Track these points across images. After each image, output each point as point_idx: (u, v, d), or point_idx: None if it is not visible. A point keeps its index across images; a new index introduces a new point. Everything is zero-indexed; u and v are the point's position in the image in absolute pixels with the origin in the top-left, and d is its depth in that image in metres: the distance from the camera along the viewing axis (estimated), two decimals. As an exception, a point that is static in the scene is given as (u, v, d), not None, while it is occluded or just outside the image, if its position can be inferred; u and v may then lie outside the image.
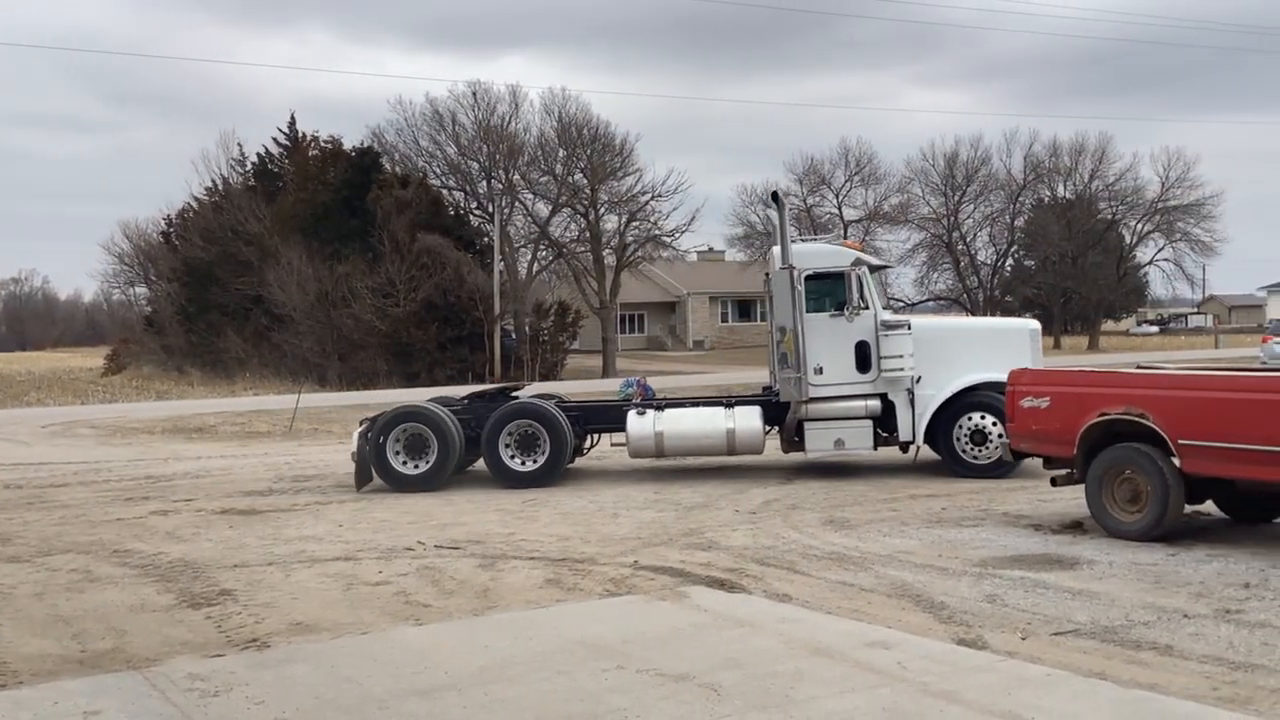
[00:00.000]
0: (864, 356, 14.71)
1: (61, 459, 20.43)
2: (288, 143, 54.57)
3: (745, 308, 75.81)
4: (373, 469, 14.96)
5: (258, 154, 55.90)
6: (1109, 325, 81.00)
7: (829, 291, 14.86)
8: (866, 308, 14.73)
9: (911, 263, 64.08)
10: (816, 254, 15.36)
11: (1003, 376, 13.99)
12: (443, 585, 9.31)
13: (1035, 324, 15.88)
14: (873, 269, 15.45)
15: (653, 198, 51.17)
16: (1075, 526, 10.82)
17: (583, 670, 6.64)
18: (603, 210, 51.55)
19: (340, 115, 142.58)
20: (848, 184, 60.50)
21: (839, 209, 60.29)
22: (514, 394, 16.43)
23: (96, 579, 9.88)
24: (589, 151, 50.72)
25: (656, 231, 52.62)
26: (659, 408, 15.40)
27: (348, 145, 51.24)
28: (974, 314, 62.58)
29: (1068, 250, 64.93)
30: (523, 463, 15.03)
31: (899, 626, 7.54)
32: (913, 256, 63.61)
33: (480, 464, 15.73)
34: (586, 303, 51.49)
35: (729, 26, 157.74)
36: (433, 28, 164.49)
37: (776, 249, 15.44)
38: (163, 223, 64.48)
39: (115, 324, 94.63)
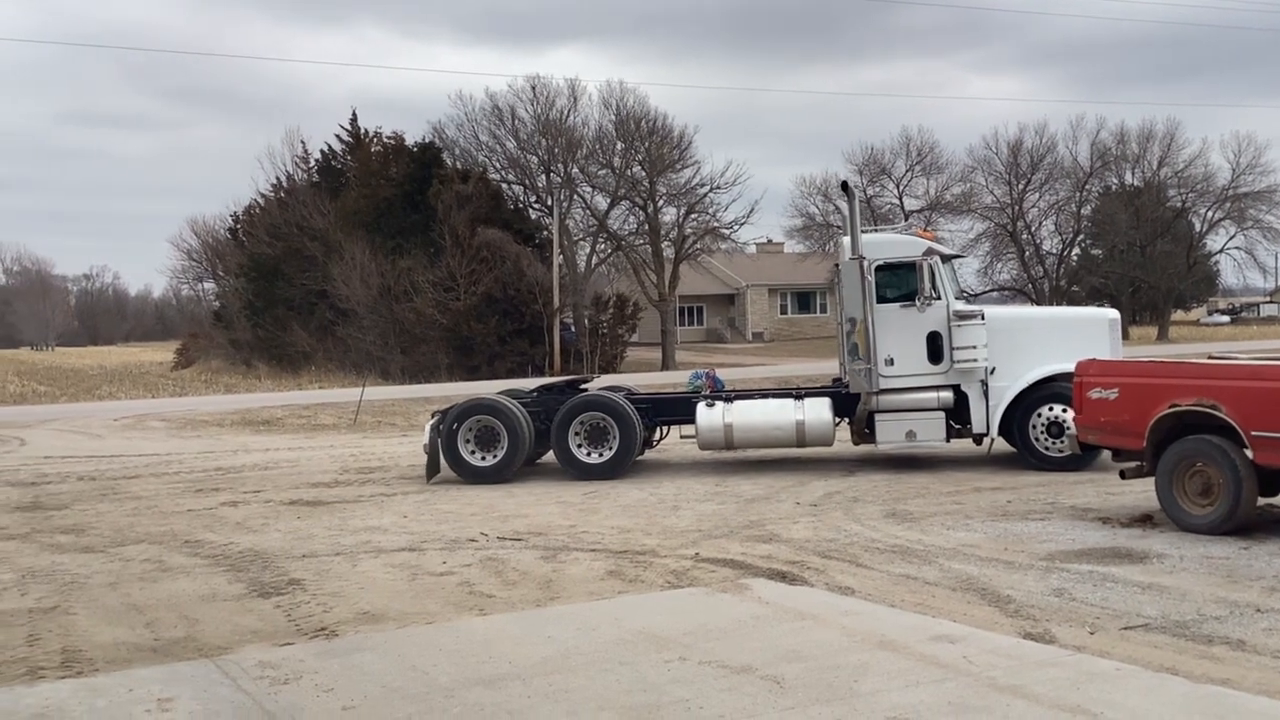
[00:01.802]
0: (936, 347, 14.56)
1: (134, 451, 20.87)
2: (350, 139, 55.16)
3: (804, 299, 75.47)
4: (444, 460, 15.08)
5: (321, 151, 56.63)
6: (1179, 315, 79.43)
7: (900, 282, 14.70)
8: (938, 298, 14.58)
9: (975, 252, 63.17)
10: (887, 244, 15.14)
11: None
12: (506, 576, 9.38)
13: (1114, 313, 15.61)
14: (945, 259, 15.21)
15: (711, 190, 51.08)
16: (1145, 520, 10.64)
17: (644, 661, 6.66)
18: (661, 203, 51.54)
19: (394, 110, 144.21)
20: (909, 173, 59.85)
21: (900, 199, 59.63)
22: (583, 386, 16.48)
23: (169, 569, 10.09)
24: (647, 144, 50.71)
25: (715, 224, 52.51)
26: (728, 399, 15.38)
27: (408, 141, 51.73)
28: (1039, 304, 61.77)
29: (1136, 239, 63.73)
30: (590, 454, 15.08)
31: (964, 620, 7.48)
32: (976, 246, 62.71)
33: (548, 456, 15.83)
34: (645, 295, 51.52)
35: (779, 15, 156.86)
36: (483, 21, 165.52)
37: (846, 239, 15.31)
38: (230, 219, 65.70)
39: (184, 319, 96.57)
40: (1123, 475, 10.98)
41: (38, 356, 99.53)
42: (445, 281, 44.61)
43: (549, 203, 50.30)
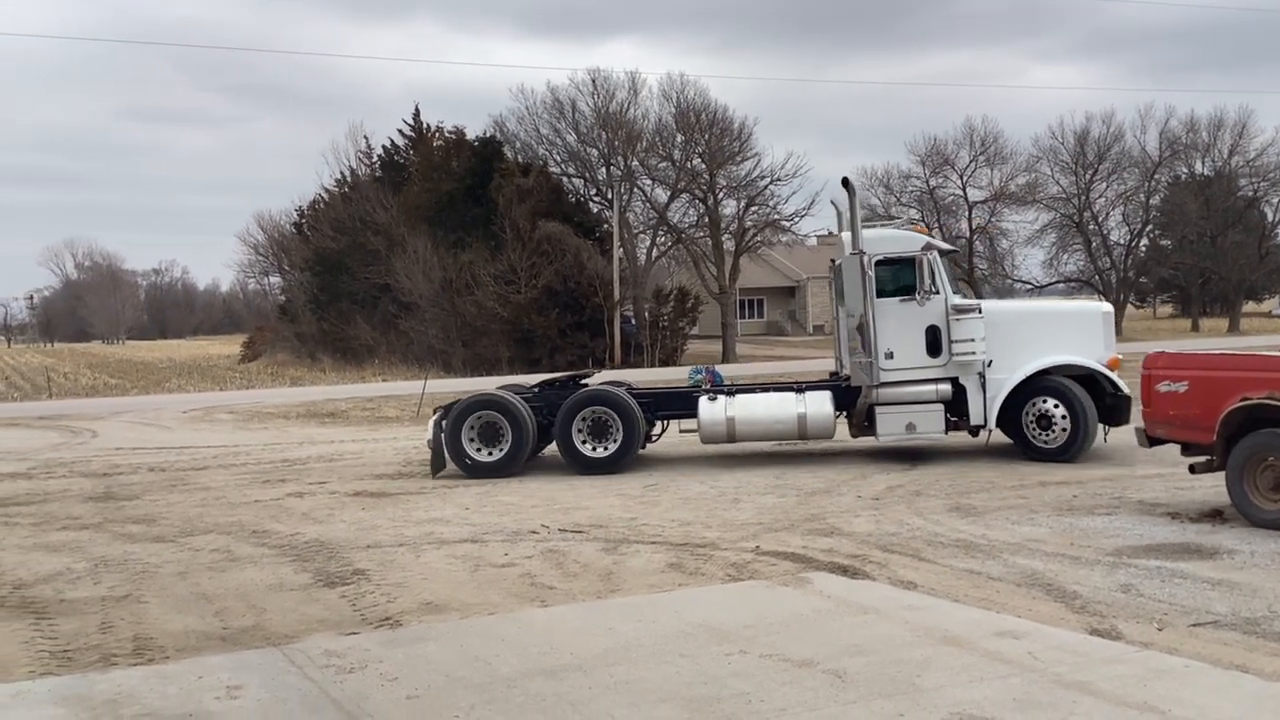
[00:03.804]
0: (935, 341, 14.79)
1: (202, 443, 21.26)
2: (413, 134, 55.65)
3: (866, 291, 74.81)
4: (448, 456, 15.19)
5: (384, 146, 57.20)
6: (1250, 307, 77.61)
7: (899, 276, 14.92)
8: (937, 292, 14.79)
9: (1040, 244, 62.35)
10: (887, 239, 15.34)
11: (1074, 360, 14.61)
12: (567, 568, 9.43)
13: (1108, 307, 15.93)
14: (942, 253, 15.38)
15: (771, 182, 50.86)
16: (1215, 515, 10.44)
17: (705, 654, 6.66)
18: (721, 195, 51.42)
19: (452, 104, 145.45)
20: (972, 164, 59.11)
21: (963, 190, 59.00)
22: (584, 381, 16.53)
23: (237, 558, 10.28)
24: (707, 136, 50.60)
25: (775, 216, 52.26)
26: (730, 393, 15.55)
27: (469, 135, 52.07)
28: (1107, 297, 60.80)
29: (1206, 229, 62.45)
30: (594, 449, 15.20)
31: (1029, 616, 7.39)
32: (1041, 237, 61.85)
33: (548, 451, 15.96)
34: (705, 288, 51.44)
35: (837, 3, 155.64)
36: (539, 15, 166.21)
37: (845, 235, 15.46)
38: (295, 214, 66.57)
39: (251, 312, 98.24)
40: (1192, 470, 10.78)
41: (108, 350, 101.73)
42: (506, 275, 44.86)
43: (609, 196, 50.37)
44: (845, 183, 15.44)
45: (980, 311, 14.81)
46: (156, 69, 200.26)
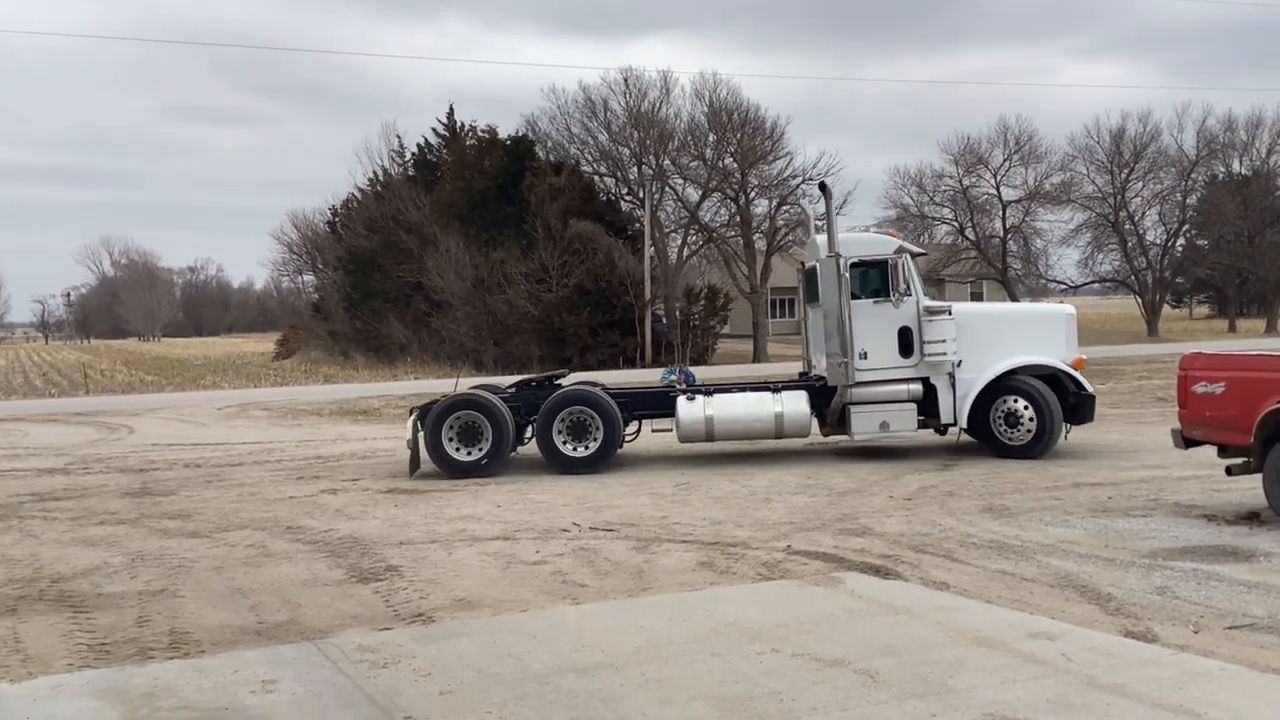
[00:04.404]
0: (907, 342, 15.22)
1: (237, 439, 21.44)
2: (446, 133, 55.87)
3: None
4: (430, 456, 15.23)
5: (417, 144, 57.44)
6: (1288, 307, 76.67)
7: (872, 279, 15.36)
8: (909, 294, 15.21)
9: (1074, 243, 61.74)
10: (861, 243, 15.89)
11: (1041, 360, 15.10)
12: (598, 566, 9.45)
13: (1070, 309, 16.34)
14: (913, 256, 15.72)
15: (804, 181, 50.66)
16: (1252, 517, 10.34)
17: (736, 653, 6.67)
18: (753, 194, 51.29)
19: (482, 102, 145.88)
20: (1006, 163, 58.64)
21: (997, 189, 58.54)
22: (558, 381, 16.58)
23: (271, 554, 10.37)
24: (739, 135, 50.49)
25: (806, 216, 52.03)
26: (708, 393, 15.76)
27: (501, 134, 52.22)
28: (1143, 297, 60.22)
29: (1243, 229, 61.67)
30: (574, 448, 15.29)
31: (1063, 617, 7.35)
32: (1076, 237, 61.28)
33: (523, 450, 16.00)
34: (737, 287, 51.34)
35: (870, 1, 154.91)
36: (569, 14, 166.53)
37: (819, 238, 15.88)
38: (328, 212, 67.00)
39: (285, 310, 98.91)
40: (1229, 471, 10.67)
41: (145, 347, 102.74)
42: (538, 273, 44.95)
43: (641, 195, 50.37)
44: (822, 186, 16.05)
45: (951, 313, 15.24)
46: (192, 69, 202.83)
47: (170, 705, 6.11)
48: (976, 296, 69.78)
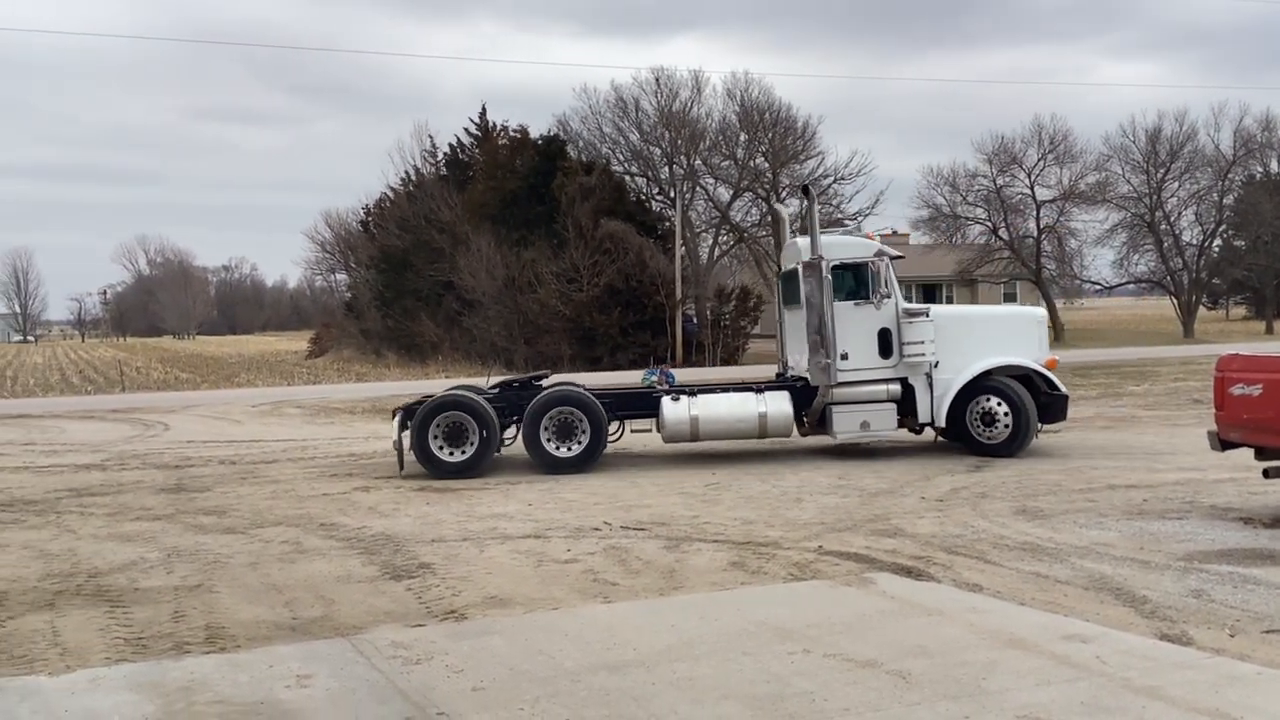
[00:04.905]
0: (886, 343, 15.56)
1: (271, 437, 21.60)
2: (478, 133, 56.07)
3: (930, 292, 73.88)
4: (416, 457, 15.25)
5: (449, 144, 57.67)
6: (1327, 309, 75.69)
7: (853, 281, 15.66)
8: (889, 296, 15.52)
9: (1110, 244, 61.24)
10: (842, 245, 16.13)
11: (1015, 360, 15.49)
12: (629, 565, 9.47)
13: (1043, 312, 17.00)
14: (891, 258, 15.93)
15: (835, 180, 50.55)
16: (1290, 521, 10.23)
17: (768, 653, 6.66)
18: (784, 194, 51.17)
19: (512, 102, 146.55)
20: (1041, 162, 58.22)
21: (1031, 188, 58.11)
22: (538, 382, 16.58)
23: (305, 550, 10.45)
24: (771, 135, 50.40)
25: (839, 215, 51.88)
26: (692, 393, 15.91)
27: (532, 134, 52.34)
28: (1178, 298, 59.62)
29: (1281, 229, 61.01)
30: (559, 448, 15.35)
31: (1097, 620, 7.30)
32: (1111, 237, 60.74)
33: (508, 450, 16.01)
34: (768, 287, 51.21)
35: (900, 1, 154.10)
36: (599, 14, 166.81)
37: (800, 240, 16.30)
38: (361, 212, 67.40)
39: (318, 309, 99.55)
40: (1266, 474, 10.56)
41: (180, 345, 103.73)
42: (568, 273, 45.03)
43: (671, 194, 50.37)
44: (805, 190, 16.24)
45: (929, 315, 15.59)
46: (226, 70, 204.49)
47: (206, 699, 6.17)
48: (1010, 297, 69.36)
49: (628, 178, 51.48)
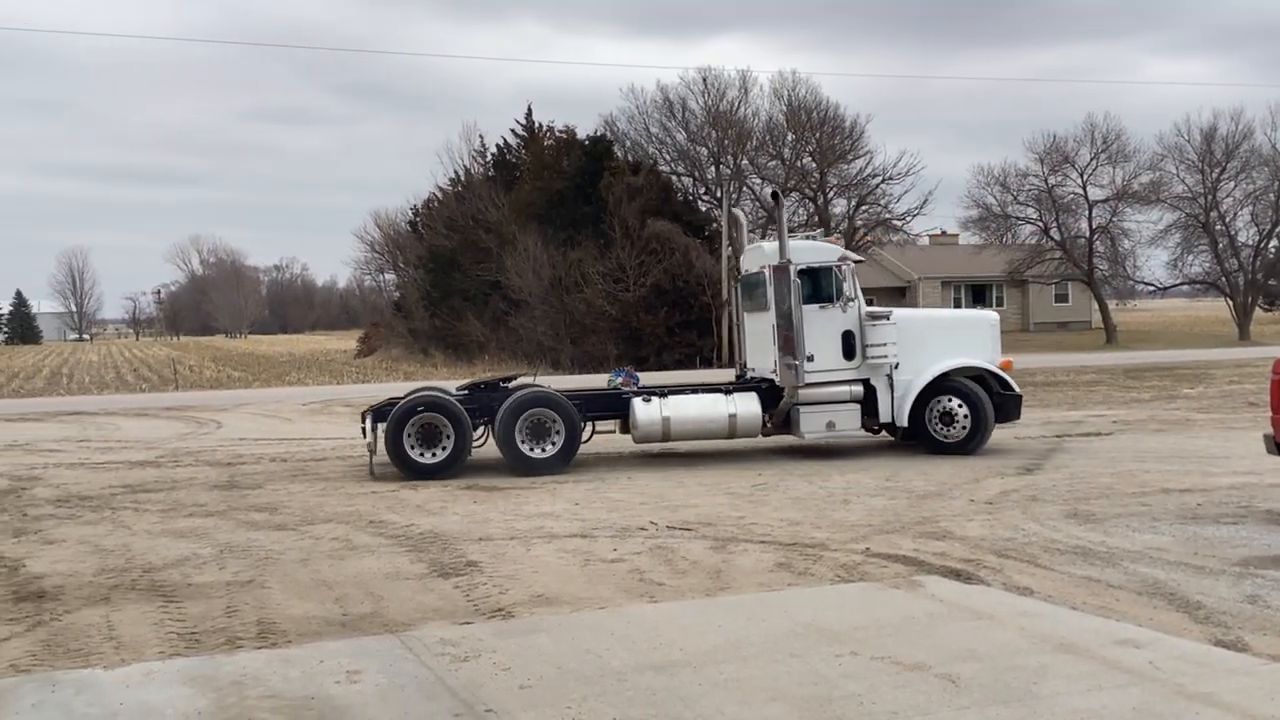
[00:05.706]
0: (849, 345, 15.98)
1: (321, 435, 21.84)
2: (524, 133, 56.34)
3: (979, 292, 73.39)
4: (390, 457, 15.25)
5: (496, 145, 58.03)
6: (1388, 310, 74.14)
7: (817, 285, 16.02)
8: (853, 299, 15.99)
9: (1164, 244, 60.39)
10: (808, 250, 16.47)
11: (972, 362, 16.09)
12: (675, 565, 9.47)
13: (995, 315, 17.41)
14: (854, 263, 16.50)
15: (883, 180, 50.32)
16: (1349, 527, 10.04)
17: (815, 654, 6.64)
18: (832, 194, 50.99)
19: (557, 103, 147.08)
20: (1093, 162, 57.50)
21: (1083, 188, 57.42)
22: (507, 384, 16.55)
23: (355, 547, 10.55)
24: (818, 135, 50.24)
25: (887, 215, 51.66)
26: (662, 395, 16.14)
27: (579, 134, 52.50)
28: (1234, 299, 58.68)
29: (1340, 230, 59.82)
30: (532, 449, 15.41)
31: (1150, 625, 7.20)
32: (1165, 238, 59.89)
33: (479, 452, 15.98)
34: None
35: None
36: (642, 14, 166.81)
37: (766, 244, 16.93)
38: (410, 212, 67.94)
39: (366, 308, 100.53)
40: (1325, 479, 10.39)
41: (232, 344, 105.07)
42: (615, 273, 45.12)
43: (718, 194, 50.33)
44: (774, 196, 16.47)
45: (890, 318, 16.07)
46: (273, 71, 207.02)
47: (258, 694, 6.25)
48: (1061, 298, 68.56)
49: (674, 178, 51.54)
